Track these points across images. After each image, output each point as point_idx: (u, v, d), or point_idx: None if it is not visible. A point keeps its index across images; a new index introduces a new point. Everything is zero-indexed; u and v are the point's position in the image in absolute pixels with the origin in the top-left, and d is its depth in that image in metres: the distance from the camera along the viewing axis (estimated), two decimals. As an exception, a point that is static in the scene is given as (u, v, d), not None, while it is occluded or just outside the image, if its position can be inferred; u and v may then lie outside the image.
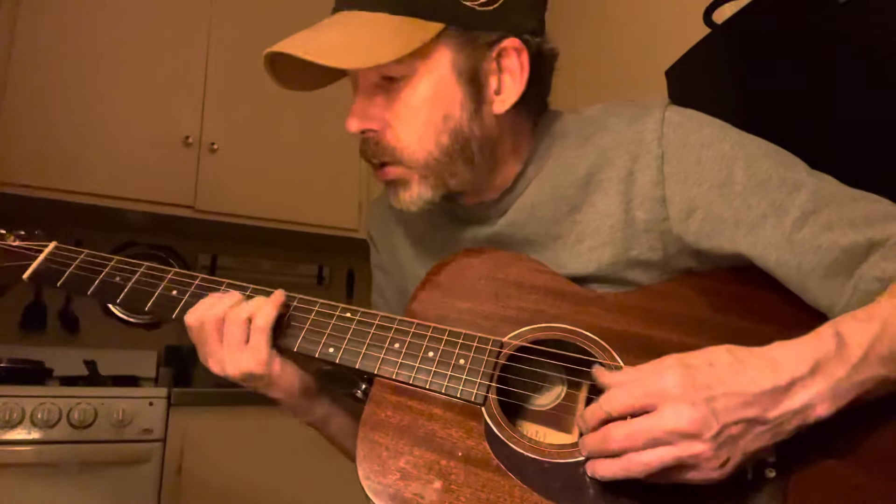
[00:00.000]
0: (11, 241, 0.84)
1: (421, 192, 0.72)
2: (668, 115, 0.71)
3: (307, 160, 2.49)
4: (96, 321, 2.42)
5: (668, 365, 0.56)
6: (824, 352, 0.54)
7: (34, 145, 2.07)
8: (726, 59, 1.18)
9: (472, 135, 0.70)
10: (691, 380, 0.54)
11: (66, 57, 2.16)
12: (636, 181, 0.70)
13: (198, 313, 0.71)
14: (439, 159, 0.70)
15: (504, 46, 0.69)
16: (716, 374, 0.54)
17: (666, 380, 0.54)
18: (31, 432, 1.71)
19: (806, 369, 0.53)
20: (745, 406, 0.53)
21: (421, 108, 0.69)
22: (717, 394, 0.53)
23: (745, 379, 0.53)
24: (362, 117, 0.71)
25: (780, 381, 0.53)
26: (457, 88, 0.69)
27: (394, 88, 0.69)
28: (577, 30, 2.15)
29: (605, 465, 0.57)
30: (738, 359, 0.55)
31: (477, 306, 0.72)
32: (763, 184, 0.66)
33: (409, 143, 0.70)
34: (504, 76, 0.71)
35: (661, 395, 0.54)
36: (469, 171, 0.72)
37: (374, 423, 0.66)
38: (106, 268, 0.79)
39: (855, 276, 0.61)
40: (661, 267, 0.72)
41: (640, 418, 0.54)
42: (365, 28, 0.66)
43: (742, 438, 0.53)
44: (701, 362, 0.55)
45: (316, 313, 0.73)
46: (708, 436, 0.52)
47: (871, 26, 0.88)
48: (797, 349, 0.55)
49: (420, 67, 0.68)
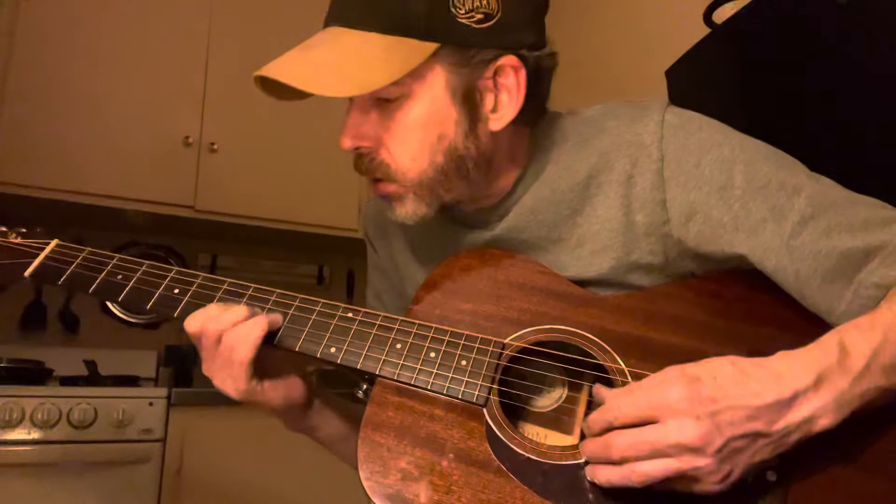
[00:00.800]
0: (13, 238, 0.83)
1: (415, 208, 0.71)
2: (667, 117, 0.70)
3: (307, 160, 2.49)
4: (96, 321, 2.42)
5: (673, 377, 0.55)
6: (827, 363, 0.54)
7: (34, 145, 2.07)
8: (726, 59, 1.18)
9: (468, 153, 0.69)
10: (696, 393, 0.53)
11: (66, 57, 2.16)
12: (636, 184, 0.70)
13: (198, 323, 0.69)
14: (434, 178, 0.69)
15: (501, 65, 0.68)
16: (720, 387, 0.53)
17: (671, 393, 0.54)
18: (31, 432, 1.71)
19: (809, 381, 0.53)
20: (750, 420, 0.52)
21: (415, 129, 0.68)
22: (721, 407, 0.52)
23: (748, 392, 0.53)
24: (356, 135, 0.69)
25: (783, 394, 0.53)
26: (452, 108, 0.68)
27: (388, 107, 0.68)
28: (577, 30, 2.15)
29: (606, 471, 0.56)
30: (741, 371, 0.54)
31: (478, 307, 0.72)
32: (762, 188, 0.65)
33: (404, 162, 0.69)
34: (501, 94, 0.69)
35: (665, 407, 0.53)
36: (465, 186, 0.72)
37: (376, 424, 0.66)
38: (107, 266, 0.78)
39: (854, 281, 0.60)
40: (662, 270, 0.72)
41: (644, 429, 0.54)
42: (357, 50, 0.64)
43: (745, 452, 0.53)
44: (705, 375, 0.54)
45: (318, 313, 0.73)
46: (711, 450, 0.52)
47: (871, 26, 0.88)
48: (801, 360, 0.55)
49: (415, 88, 0.67)
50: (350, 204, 2.55)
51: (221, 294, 0.74)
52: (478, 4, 0.65)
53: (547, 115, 0.77)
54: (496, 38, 0.67)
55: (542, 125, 0.76)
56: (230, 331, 0.68)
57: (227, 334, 0.68)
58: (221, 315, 0.68)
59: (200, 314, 0.70)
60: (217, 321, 0.68)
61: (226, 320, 0.68)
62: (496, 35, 0.67)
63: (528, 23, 0.70)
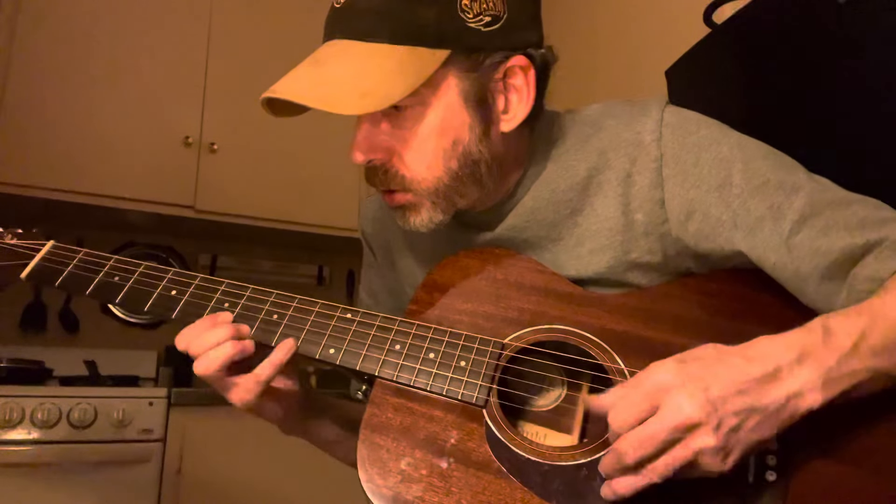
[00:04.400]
0: (8, 238, 0.82)
1: (431, 216, 0.71)
2: (666, 116, 0.70)
3: (307, 160, 2.49)
4: (96, 321, 2.42)
5: (658, 364, 0.56)
6: (810, 340, 0.55)
7: (34, 145, 2.07)
8: (726, 59, 1.17)
9: (482, 157, 0.69)
10: (684, 372, 0.54)
11: (66, 57, 2.16)
12: (635, 183, 0.70)
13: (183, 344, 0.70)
14: (449, 184, 0.69)
15: (510, 66, 0.68)
16: (706, 366, 0.55)
17: (659, 375, 0.55)
18: (31, 432, 1.71)
19: (792, 357, 0.54)
20: (740, 394, 0.53)
21: (430, 137, 0.67)
22: (710, 384, 0.53)
23: (733, 369, 0.54)
24: (368, 148, 0.68)
25: (766, 369, 0.54)
26: (465, 113, 0.67)
27: (400, 117, 0.67)
28: (577, 30, 2.15)
29: (625, 482, 0.56)
30: (723, 352, 0.56)
31: (477, 307, 0.72)
32: (761, 186, 0.66)
33: (419, 171, 0.68)
34: (511, 95, 0.69)
35: (658, 390, 0.54)
36: (478, 190, 0.71)
37: (375, 425, 0.66)
38: (105, 267, 0.78)
39: (849, 277, 0.61)
40: (661, 269, 0.72)
41: (645, 423, 0.54)
42: (371, 65, 0.63)
43: (741, 430, 0.53)
44: (689, 357, 0.56)
45: (316, 314, 0.73)
46: (711, 425, 0.52)
47: (872, 26, 0.88)
48: (783, 340, 0.56)
49: (427, 96, 0.66)
50: (350, 204, 2.55)
51: (219, 295, 0.74)
52: (485, 7, 0.65)
53: (545, 114, 0.77)
54: (504, 40, 0.67)
55: (541, 125, 0.76)
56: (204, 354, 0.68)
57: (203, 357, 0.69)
58: (202, 336, 0.69)
59: (186, 333, 0.70)
60: (198, 343, 0.69)
61: (205, 343, 0.68)
62: (504, 36, 0.67)
63: (531, 20, 0.70)
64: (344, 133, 0.72)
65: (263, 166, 2.42)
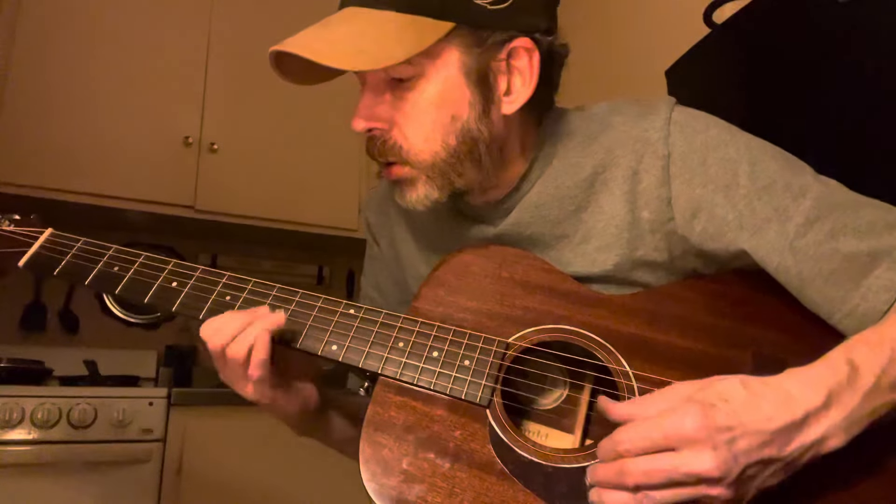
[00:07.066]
0: (5, 225, 0.79)
1: (427, 192, 0.70)
2: (674, 115, 0.70)
3: (307, 160, 2.48)
4: (96, 321, 2.42)
5: (686, 402, 0.54)
6: (837, 381, 0.54)
7: (34, 145, 2.07)
8: (726, 59, 1.18)
9: (480, 135, 0.69)
10: (712, 422, 0.52)
11: (66, 57, 2.15)
12: (641, 181, 0.70)
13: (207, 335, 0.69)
14: (446, 160, 0.69)
15: (514, 46, 0.68)
16: (734, 412, 0.53)
17: (686, 423, 0.52)
18: (31, 432, 1.71)
19: (819, 402, 0.53)
20: (764, 446, 0.52)
21: (429, 109, 0.68)
22: (737, 435, 0.52)
23: (761, 416, 0.52)
24: (369, 116, 0.69)
25: (795, 416, 0.52)
26: (465, 89, 0.68)
27: (402, 88, 0.68)
28: (577, 30, 2.14)
29: (617, 496, 0.55)
30: (753, 393, 0.54)
31: (482, 305, 0.72)
32: (767, 188, 0.65)
33: (416, 143, 0.69)
34: (514, 77, 0.69)
35: (681, 438, 0.52)
36: (476, 171, 0.71)
37: (378, 424, 0.65)
38: (104, 257, 0.76)
39: (863, 286, 0.60)
40: (667, 268, 0.71)
41: (660, 456, 0.53)
42: (372, 27, 0.65)
43: (757, 478, 0.53)
44: (717, 399, 0.54)
45: (318, 310, 0.72)
46: (729, 480, 0.52)
47: (871, 26, 0.88)
48: (810, 379, 0.54)
49: (428, 68, 0.67)
50: (350, 204, 2.55)
51: (220, 288, 0.73)
52: None
53: (554, 110, 0.77)
54: (510, 20, 0.67)
55: (549, 120, 0.76)
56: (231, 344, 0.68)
57: (230, 346, 0.68)
58: (224, 327, 0.68)
59: (211, 324, 0.69)
60: (221, 334, 0.68)
61: (227, 332, 0.68)
62: (510, 17, 0.67)
63: (542, 8, 0.71)
64: (344, 134, 0.72)
65: (263, 166, 2.42)
